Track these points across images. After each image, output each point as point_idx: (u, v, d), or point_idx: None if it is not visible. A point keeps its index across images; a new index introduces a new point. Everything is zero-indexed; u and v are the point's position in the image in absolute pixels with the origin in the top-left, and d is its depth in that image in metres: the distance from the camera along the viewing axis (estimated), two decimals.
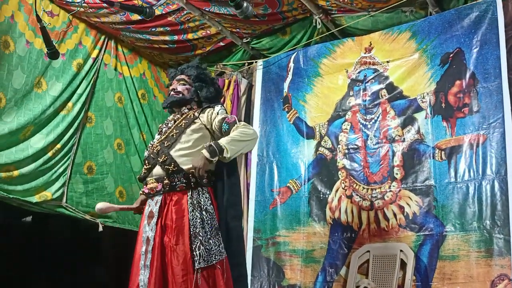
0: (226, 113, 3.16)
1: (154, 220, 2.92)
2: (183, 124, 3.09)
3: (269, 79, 4.95)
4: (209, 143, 2.95)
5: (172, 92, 3.23)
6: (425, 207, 3.86)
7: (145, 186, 3.08)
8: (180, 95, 3.20)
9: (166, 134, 3.11)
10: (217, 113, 3.08)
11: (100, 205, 3.23)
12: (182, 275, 2.76)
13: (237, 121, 3.05)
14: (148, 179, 3.05)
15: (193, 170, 2.89)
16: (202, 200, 2.92)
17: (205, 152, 2.90)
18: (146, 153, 3.17)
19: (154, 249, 2.83)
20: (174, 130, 3.09)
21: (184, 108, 3.21)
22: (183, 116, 3.15)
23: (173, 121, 3.17)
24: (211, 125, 3.08)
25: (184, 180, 2.94)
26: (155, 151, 3.06)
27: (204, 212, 2.88)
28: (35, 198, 4.07)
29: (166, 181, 2.96)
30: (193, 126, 3.07)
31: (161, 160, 2.99)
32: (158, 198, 2.98)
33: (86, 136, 4.54)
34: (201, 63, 3.36)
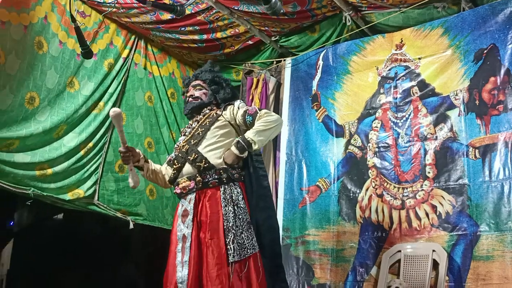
0: (246, 105, 3.21)
1: (190, 217, 2.94)
2: (207, 122, 3.12)
3: (297, 77, 4.93)
4: (236, 140, 3.00)
5: (190, 99, 3.25)
6: (459, 206, 3.78)
7: (176, 187, 3.08)
8: (199, 100, 3.24)
9: (192, 133, 3.13)
10: (238, 108, 3.13)
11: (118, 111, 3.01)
12: (217, 269, 2.77)
13: (258, 110, 3.09)
14: (179, 179, 3.06)
15: (224, 166, 2.95)
16: (234, 194, 2.95)
17: (234, 149, 2.97)
18: (173, 155, 3.18)
19: (192, 246, 2.85)
20: (199, 129, 3.11)
21: (205, 109, 3.24)
22: (206, 115, 3.18)
23: (196, 122, 3.19)
24: (235, 120, 3.13)
25: (216, 176, 2.96)
26: (183, 150, 3.08)
27: (236, 207, 2.91)
28: (68, 196, 4.15)
29: (198, 178, 2.97)
30: (217, 124, 3.10)
31: (191, 158, 3.01)
32: (192, 196, 2.99)
33: (117, 135, 4.59)
34: (214, 66, 3.39)
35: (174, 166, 3.09)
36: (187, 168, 3.03)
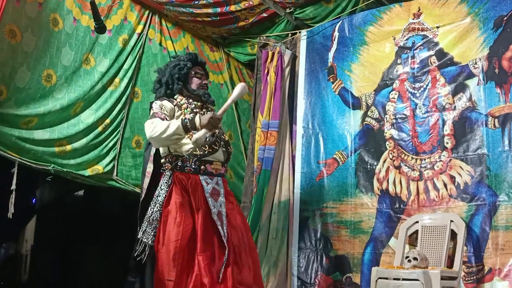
0: None
1: (222, 198, 3.14)
2: None
3: (313, 50, 4.88)
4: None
5: (205, 86, 3.33)
6: (477, 176, 3.75)
7: (208, 165, 3.14)
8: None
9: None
10: None
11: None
12: (249, 241, 3.17)
13: None
14: (212, 159, 3.16)
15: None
16: None
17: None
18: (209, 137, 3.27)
19: (227, 223, 3.10)
20: None
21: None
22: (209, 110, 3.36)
23: (206, 110, 3.29)
24: None
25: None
26: (222, 136, 3.24)
27: None
28: (88, 172, 4.20)
29: (225, 167, 3.25)
30: None
31: (229, 148, 3.24)
32: (219, 180, 3.18)
33: (133, 111, 4.63)
34: None
35: (214, 147, 3.15)
36: (220, 153, 3.18)
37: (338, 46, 4.70)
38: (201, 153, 3.10)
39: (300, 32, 5.00)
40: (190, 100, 3.25)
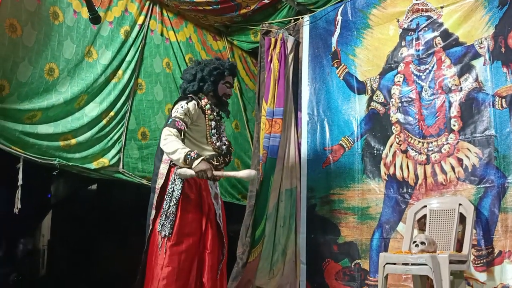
0: None
1: (220, 201, 3.41)
2: None
3: (316, 35, 4.82)
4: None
5: (228, 98, 3.55)
6: (485, 158, 3.68)
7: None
8: None
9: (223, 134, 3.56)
10: None
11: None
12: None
13: None
14: (219, 166, 3.37)
15: None
16: None
17: None
18: (223, 147, 3.42)
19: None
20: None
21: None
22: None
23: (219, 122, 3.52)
24: None
25: None
26: (230, 149, 3.51)
27: None
28: (93, 165, 4.20)
29: None
30: None
31: (227, 160, 3.46)
32: (217, 184, 3.47)
33: (137, 103, 4.62)
34: None
35: (226, 159, 3.42)
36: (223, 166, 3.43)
37: (341, 30, 4.63)
38: (217, 163, 3.33)
39: (302, 17, 4.93)
40: (213, 107, 3.44)
